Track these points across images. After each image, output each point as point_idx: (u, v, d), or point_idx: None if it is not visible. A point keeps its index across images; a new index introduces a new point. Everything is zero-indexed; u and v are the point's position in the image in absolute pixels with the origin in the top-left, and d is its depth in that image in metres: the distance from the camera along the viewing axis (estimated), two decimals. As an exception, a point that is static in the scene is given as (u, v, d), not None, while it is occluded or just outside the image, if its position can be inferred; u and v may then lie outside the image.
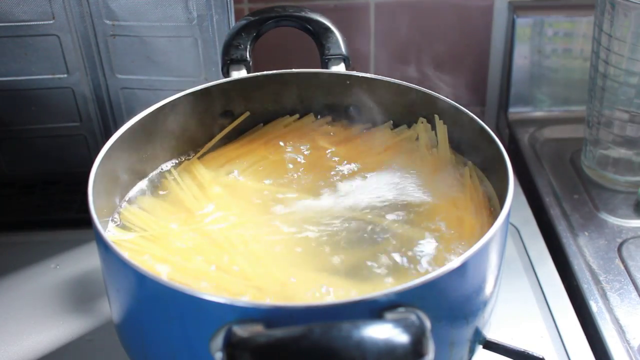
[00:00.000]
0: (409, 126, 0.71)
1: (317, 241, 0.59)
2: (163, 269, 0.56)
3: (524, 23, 0.97)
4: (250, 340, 0.44)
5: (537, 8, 0.97)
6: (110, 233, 0.61)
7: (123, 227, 0.61)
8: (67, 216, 0.84)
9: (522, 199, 0.87)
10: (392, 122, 0.72)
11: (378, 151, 0.69)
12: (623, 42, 0.80)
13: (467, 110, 0.65)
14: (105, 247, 0.51)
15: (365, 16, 0.98)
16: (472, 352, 0.56)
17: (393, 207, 0.62)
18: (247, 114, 0.72)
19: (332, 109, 0.73)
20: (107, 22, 0.79)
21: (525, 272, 0.76)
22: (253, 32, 0.73)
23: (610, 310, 0.71)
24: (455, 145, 0.68)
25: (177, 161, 0.70)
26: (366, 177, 0.66)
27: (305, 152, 0.69)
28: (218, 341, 0.45)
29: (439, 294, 0.49)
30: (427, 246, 0.58)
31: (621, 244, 0.79)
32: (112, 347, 0.63)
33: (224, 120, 0.72)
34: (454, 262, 0.48)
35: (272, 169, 0.67)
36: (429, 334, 0.44)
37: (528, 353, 0.60)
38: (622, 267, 0.76)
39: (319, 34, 0.74)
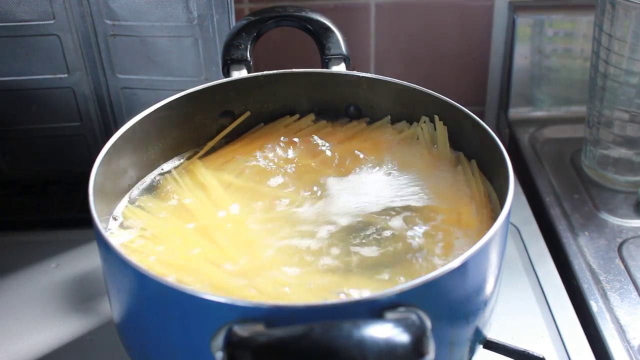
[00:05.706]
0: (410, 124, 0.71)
1: (318, 241, 0.59)
2: (163, 268, 0.56)
3: (524, 23, 0.97)
4: (251, 339, 0.44)
5: (537, 8, 0.97)
6: (111, 232, 0.61)
7: (123, 226, 0.61)
8: (67, 216, 0.84)
9: (523, 198, 0.87)
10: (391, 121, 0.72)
11: (378, 150, 0.69)
12: (623, 42, 0.80)
13: (467, 110, 0.65)
14: (105, 247, 0.51)
15: (365, 16, 0.98)
16: (472, 351, 0.56)
17: (393, 206, 0.62)
18: (247, 114, 0.72)
19: (332, 108, 0.73)
20: (108, 21, 0.79)
21: (526, 272, 0.76)
22: (253, 32, 0.73)
23: (610, 310, 0.71)
24: (456, 145, 0.68)
25: (177, 161, 0.70)
26: (367, 176, 0.66)
27: (306, 152, 0.69)
28: (219, 341, 0.46)
29: (439, 294, 0.49)
30: (427, 245, 0.58)
31: (621, 244, 0.79)
32: (113, 347, 0.63)
33: (224, 120, 0.72)
34: (455, 262, 0.48)
35: (272, 169, 0.67)
36: (429, 334, 0.44)
37: (528, 353, 0.60)
38: (622, 267, 0.76)
39: (319, 34, 0.74)
